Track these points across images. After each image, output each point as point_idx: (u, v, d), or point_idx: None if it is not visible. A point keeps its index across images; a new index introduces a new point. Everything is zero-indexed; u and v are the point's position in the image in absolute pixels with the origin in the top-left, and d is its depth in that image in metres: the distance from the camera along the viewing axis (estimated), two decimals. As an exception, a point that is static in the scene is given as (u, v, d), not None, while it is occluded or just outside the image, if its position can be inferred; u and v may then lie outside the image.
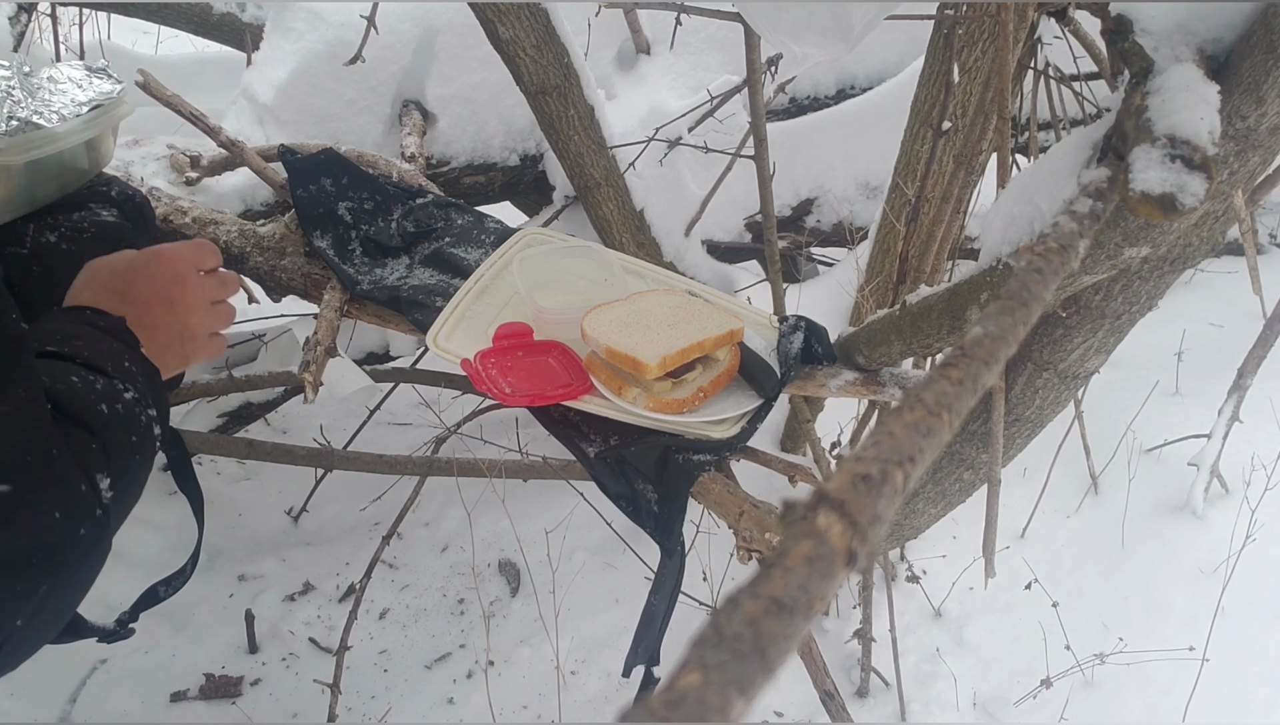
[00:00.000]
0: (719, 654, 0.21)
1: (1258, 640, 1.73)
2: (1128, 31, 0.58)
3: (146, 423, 0.67)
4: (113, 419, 0.64)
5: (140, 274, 0.76)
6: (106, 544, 0.63)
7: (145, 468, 0.68)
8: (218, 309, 0.83)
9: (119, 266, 0.76)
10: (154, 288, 0.77)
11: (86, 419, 0.61)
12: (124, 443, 0.64)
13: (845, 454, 1.55)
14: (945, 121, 1.28)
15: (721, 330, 0.93)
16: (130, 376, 0.68)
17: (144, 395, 0.67)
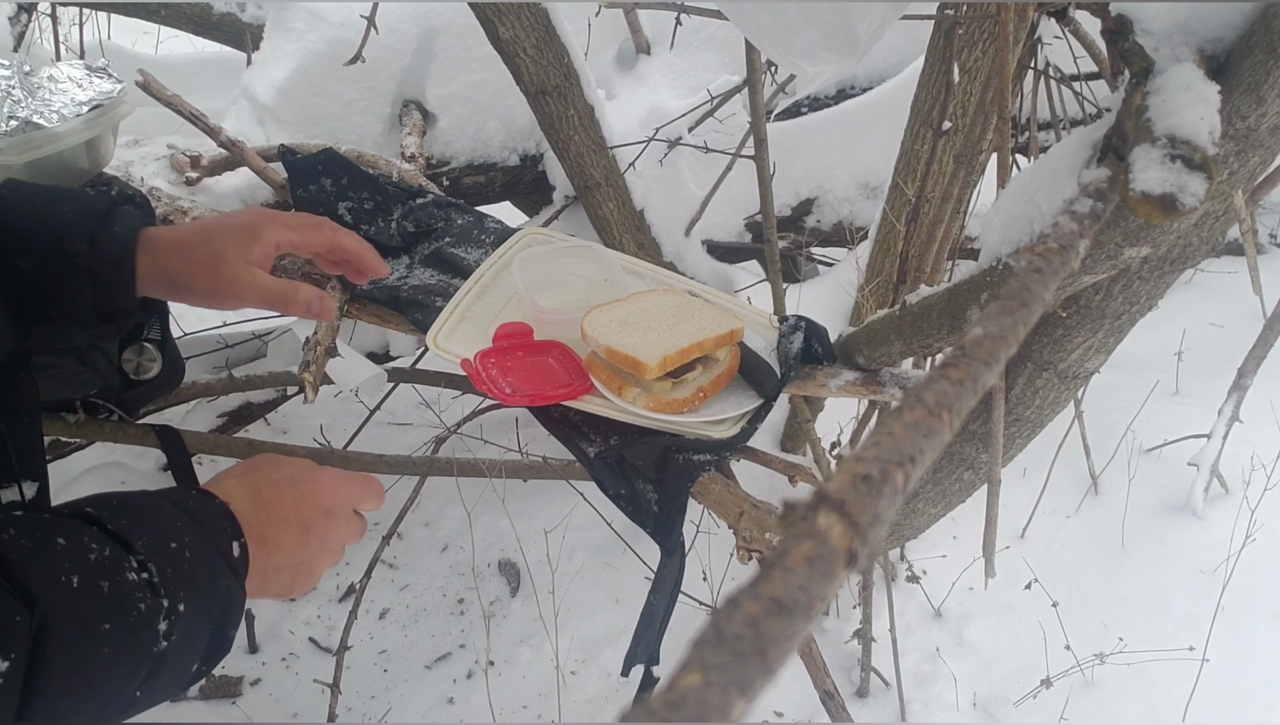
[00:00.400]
0: (719, 654, 0.21)
1: (1258, 640, 1.73)
2: (1128, 31, 0.58)
3: (148, 617, 0.54)
4: (81, 595, 0.51)
5: (296, 489, 0.68)
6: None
7: (121, 669, 0.53)
8: (340, 550, 0.73)
9: (281, 474, 0.68)
10: (301, 509, 0.67)
11: (30, 587, 0.50)
12: (83, 626, 0.51)
13: (845, 454, 1.55)
14: (945, 121, 1.28)
15: (721, 330, 0.93)
16: (174, 568, 0.56)
17: (178, 593, 0.55)
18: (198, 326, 1.97)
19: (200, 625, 0.57)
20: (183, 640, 0.56)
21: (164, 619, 0.54)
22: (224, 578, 0.59)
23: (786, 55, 0.75)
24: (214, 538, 0.60)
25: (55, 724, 0.51)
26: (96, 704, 0.53)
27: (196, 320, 2.00)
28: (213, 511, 0.62)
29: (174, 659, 0.56)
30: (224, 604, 0.59)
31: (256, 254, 0.78)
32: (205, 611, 0.57)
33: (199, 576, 0.57)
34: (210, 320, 1.96)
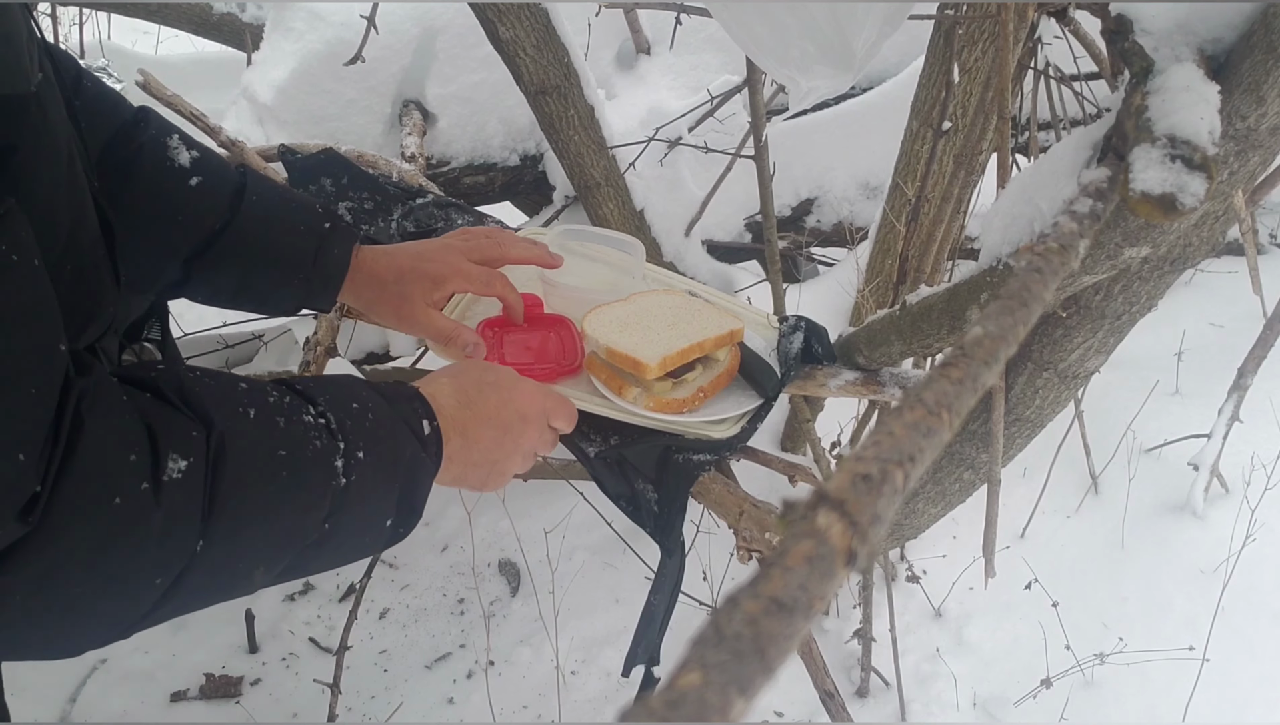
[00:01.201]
0: (719, 653, 0.21)
1: (1258, 640, 1.73)
2: (1128, 31, 0.58)
3: (324, 454, 0.57)
4: (258, 424, 0.54)
5: (498, 394, 0.73)
6: (159, 542, 0.49)
7: (301, 495, 0.56)
8: (531, 456, 0.78)
9: (486, 379, 0.73)
10: (501, 413, 0.72)
11: (210, 412, 0.53)
12: (260, 450, 0.54)
13: (845, 454, 1.55)
14: (945, 121, 1.28)
15: (721, 330, 0.93)
16: (353, 422, 0.59)
17: (356, 442, 0.58)
18: (198, 326, 1.97)
19: (384, 478, 0.61)
20: (365, 486, 0.59)
21: (340, 458, 0.58)
22: (409, 444, 0.63)
23: (781, 67, 0.75)
24: (401, 413, 0.64)
25: (243, 541, 0.54)
26: (283, 529, 0.56)
27: (196, 320, 2.00)
28: (404, 393, 0.67)
29: (360, 502, 0.59)
30: (409, 468, 0.63)
31: (436, 298, 0.87)
32: (389, 466, 0.61)
33: (381, 436, 0.61)
34: (210, 320, 1.96)
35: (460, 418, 0.69)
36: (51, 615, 0.48)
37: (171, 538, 0.49)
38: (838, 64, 0.71)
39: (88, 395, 0.48)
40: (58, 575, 0.46)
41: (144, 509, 0.47)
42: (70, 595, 0.47)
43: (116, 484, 0.47)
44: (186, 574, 0.51)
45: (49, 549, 0.45)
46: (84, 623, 0.50)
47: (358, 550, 0.63)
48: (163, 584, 0.50)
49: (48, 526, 0.45)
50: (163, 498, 0.48)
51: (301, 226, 0.83)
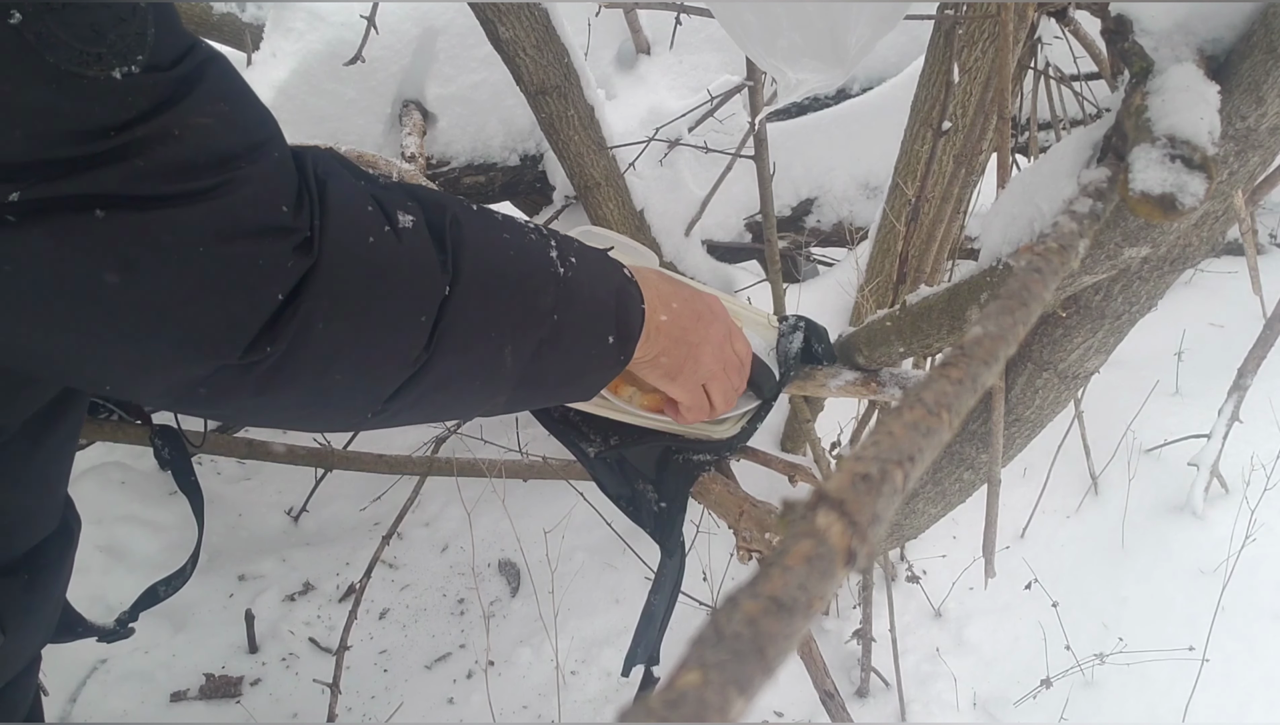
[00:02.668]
0: (718, 653, 0.21)
1: (1258, 640, 1.73)
2: (1127, 31, 0.58)
3: (540, 244, 0.61)
4: (479, 212, 0.60)
5: (692, 308, 0.74)
6: (409, 261, 0.54)
7: (527, 265, 0.60)
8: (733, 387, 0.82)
9: (685, 292, 0.75)
10: (695, 313, 0.74)
11: (438, 197, 0.58)
12: (485, 226, 0.59)
13: (845, 454, 1.55)
14: (945, 121, 1.28)
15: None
16: (563, 241, 0.64)
17: (568, 250, 0.63)
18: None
19: (599, 290, 0.64)
20: (583, 284, 0.63)
21: (555, 250, 0.62)
22: (617, 274, 0.67)
23: (767, 57, 0.75)
24: (606, 255, 0.68)
25: (484, 297, 0.57)
26: (520, 302, 0.59)
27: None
28: (604, 249, 0.70)
29: (581, 302, 0.62)
30: (620, 294, 0.66)
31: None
32: (602, 280, 0.65)
33: (590, 255, 0.65)
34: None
35: (662, 291, 0.71)
36: (338, 354, 0.53)
37: (421, 274, 0.54)
38: (827, 58, 0.71)
39: (320, 160, 0.54)
40: (337, 308, 0.51)
41: (393, 247, 0.53)
42: (352, 329, 0.52)
43: (366, 226, 0.52)
44: (444, 317, 0.55)
45: (334, 281, 0.51)
46: (369, 362, 0.54)
47: (587, 365, 0.66)
48: (427, 321, 0.55)
49: (326, 263, 0.50)
50: (404, 240, 0.54)
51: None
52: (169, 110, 0.46)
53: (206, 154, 0.47)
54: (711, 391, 0.79)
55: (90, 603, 1.74)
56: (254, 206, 0.48)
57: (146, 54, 0.44)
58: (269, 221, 0.49)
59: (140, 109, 0.45)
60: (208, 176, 0.47)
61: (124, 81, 0.44)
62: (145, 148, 0.45)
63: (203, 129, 0.47)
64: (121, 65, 0.43)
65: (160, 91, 0.45)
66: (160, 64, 0.45)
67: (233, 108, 0.49)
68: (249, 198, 0.48)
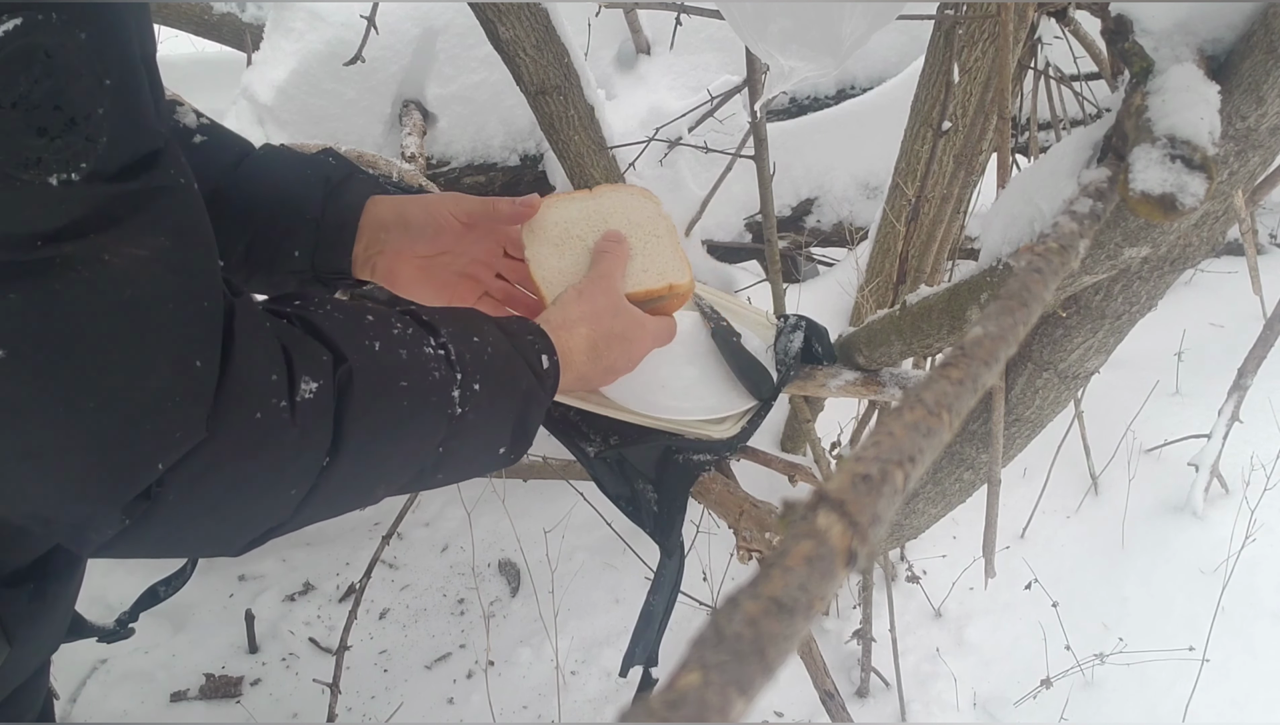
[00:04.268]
0: (719, 654, 0.21)
1: (1258, 640, 1.73)
2: (1128, 31, 0.58)
3: (442, 384, 0.59)
4: (382, 357, 0.57)
5: (623, 347, 0.76)
6: (289, 460, 0.52)
7: (420, 422, 0.59)
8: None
9: (615, 330, 0.75)
10: (618, 363, 0.76)
11: (339, 345, 0.55)
12: (384, 379, 0.56)
13: (845, 454, 1.55)
14: (945, 121, 1.28)
15: (658, 283, 0.82)
16: (472, 354, 0.61)
17: (474, 374, 0.61)
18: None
19: (501, 408, 0.64)
20: (480, 416, 0.62)
21: (458, 389, 0.60)
22: (525, 377, 0.65)
23: (759, 42, 0.74)
24: (521, 348, 0.66)
25: (366, 462, 0.57)
26: (403, 453, 0.59)
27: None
28: (527, 328, 0.69)
29: (474, 431, 0.62)
30: (525, 400, 0.65)
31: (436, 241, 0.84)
32: (506, 397, 0.64)
33: (498, 367, 0.63)
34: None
35: (585, 369, 0.73)
36: (200, 517, 0.51)
37: (305, 454, 0.53)
38: (819, 47, 0.70)
39: (237, 313, 0.51)
40: (208, 479, 0.49)
41: (282, 425, 0.51)
42: (217, 499, 0.51)
43: (260, 398, 0.50)
44: (317, 488, 0.55)
45: (214, 456, 0.49)
46: (229, 526, 0.54)
47: (472, 471, 0.67)
48: (297, 495, 0.54)
49: (210, 443, 0.48)
50: (298, 416, 0.52)
51: (310, 172, 0.80)
52: (106, 231, 0.43)
53: (133, 290, 0.44)
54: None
55: (90, 603, 1.74)
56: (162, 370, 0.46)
57: (91, 162, 0.41)
58: (171, 389, 0.46)
59: (73, 219, 0.42)
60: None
61: (60, 189, 0.41)
62: (69, 269, 0.42)
63: (136, 262, 0.44)
64: (61, 172, 0.41)
65: (98, 205, 0.42)
66: (105, 172, 0.42)
67: (176, 247, 0.46)
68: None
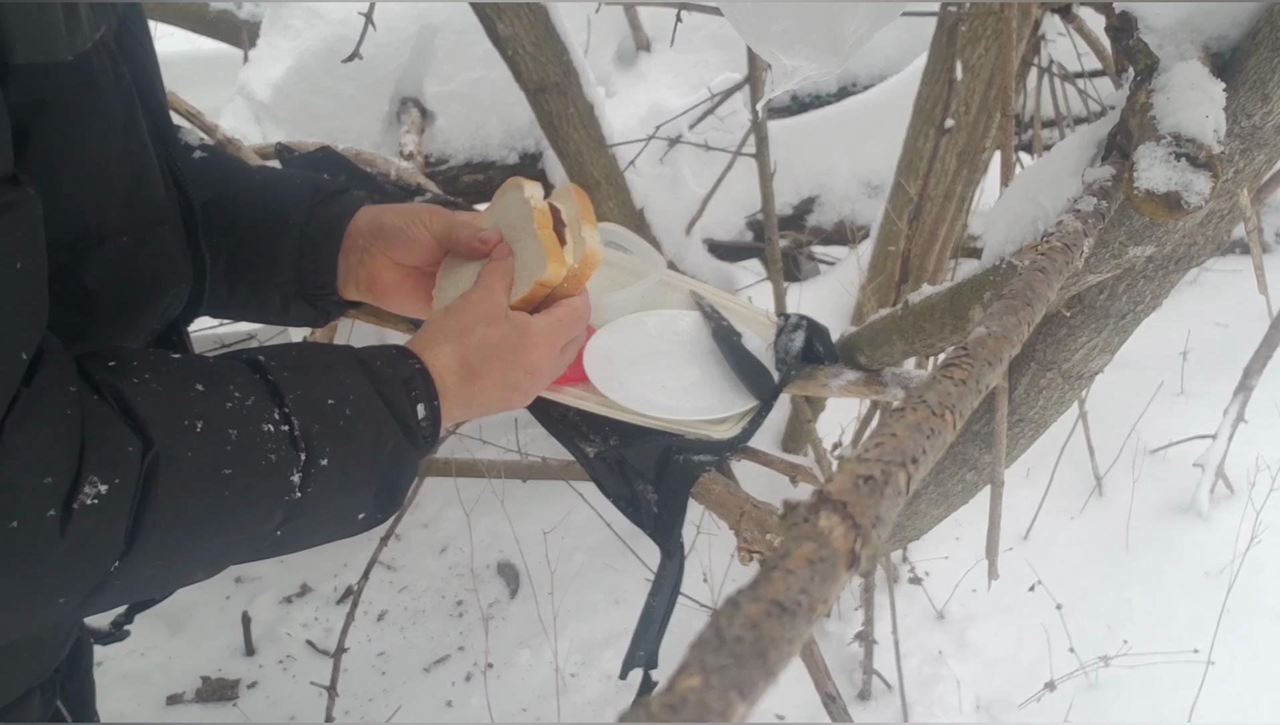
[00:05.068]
0: (719, 656, 0.20)
1: (1263, 642, 1.72)
2: (1132, 29, 0.58)
3: (279, 467, 0.54)
4: (203, 440, 0.51)
5: (505, 358, 0.68)
6: (61, 569, 0.47)
7: (245, 513, 0.54)
8: (546, 384, 0.75)
9: (492, 340, 0.67)
10: (507, 376, 0.68)
11: (149, 428, 0.50)
12: (201, 468, 0.51)
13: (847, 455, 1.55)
14: (948, 119, 1.28)
15: (527, 286, 0.72)
16: (323, 423, 0.56)
17: (322, 448, 0.56)
18: (196, 326, 1.96)
19: (356, 479, 0.59)
20: (328, 492, 0.57)
21: (299, 471, 0.55)
22: (392, 438, 0.60)
23: (761, 42, 0.74)
24: (391, 399, 0.61)
25: (176, 556, 0.53)
26: (223, 543, 0.55)
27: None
28: (402, 372, 0.63)
29: (321, 508, 0.57)
30: (392, 461, 0.61)
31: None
32: (363, 467, 0.59)
33: (357, 433, 0.58)
34: (209, 320, 1.95)
35: (463, 394, 0.66)
36: None
37: (78, 563, 0.48)
38: (822, 46, 0.70)
39: (20, 404, 0.46)
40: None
41: (46, 539, 0.46)
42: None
43: (23, 506, 0.45)
44: (103, 588, 0.50)
45: None
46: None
47: (323, 540, 0.62)
48: (68, 602, 0.50)
49: None
50: (72, 526, 0.47)
51: (300, 182, 0.77)
52: None
53: None
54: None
55: (89, 603, 1.74)
56: None
57: None
58: None
59: None
60: None
61: None
62: None
63: None
64: None
65: None
66: None
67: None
68: None
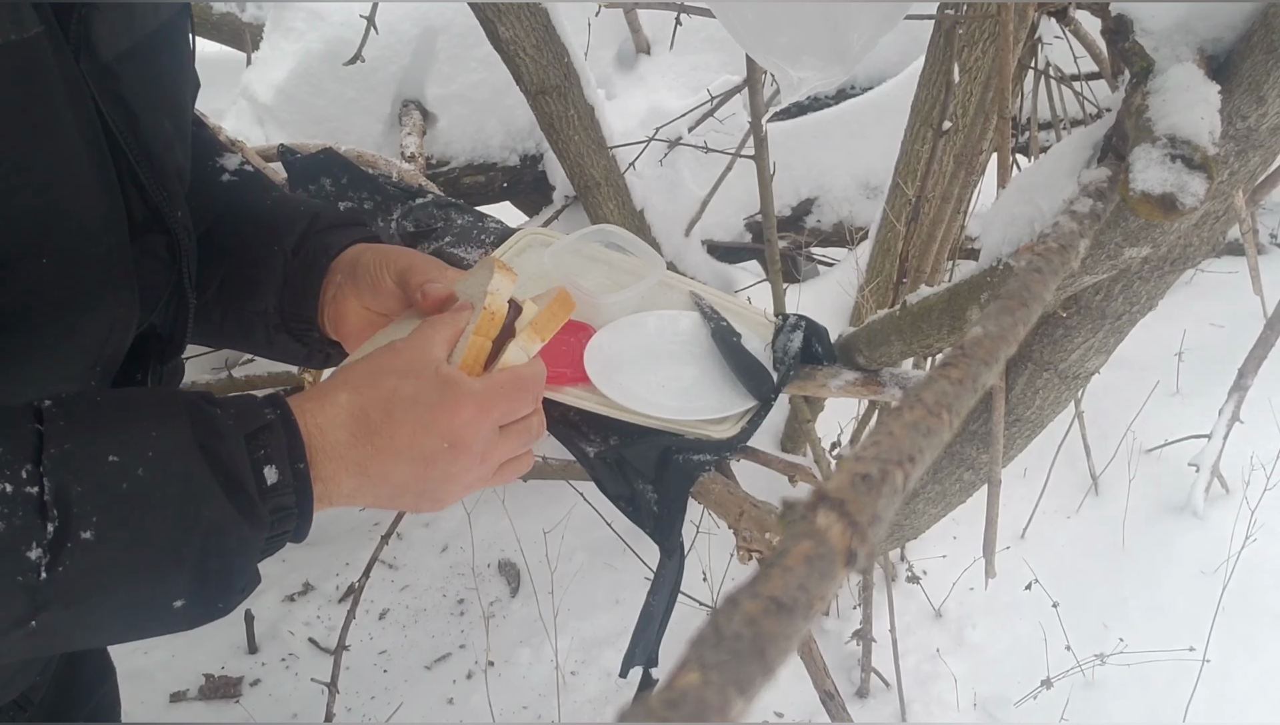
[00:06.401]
0: (718, 654, 0.20)
1: (1258, 641, 1.73)
2: (1128, 31, 0.58)
3: (10, 539, 0.43)
4: None
5: (415, 418, 0.54)
6: None
7: None
8: (483, 478, 0.60)
9: (403, 395, 0.55)
10: (419, 442, 0.54)
11: None
12: None
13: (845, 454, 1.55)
14: (946, 121, 1.28)
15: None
16: (92, 487, 0.45)
17: (86, 518, 0.45)
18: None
19: (147, 559, 0.47)
20: (100, 575, 0.46)
21: (42, 546, 0.44)
22: (210, 507, 0.48)
23: (767, 55, 0.74)
24: (220, 457, 0.49)
25: None
26: None
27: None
28: (249, 424, 0.51)
29: (93, 595, 0.46)
30: (208, 539, 0.48)
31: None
32: (158, 544, 0.47)
33: (150, 499, 0.47)
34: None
35: (357, 456, 0.53)
36: None
37: None
38: (828, 56, 0.70)
39: None
40: None
41: None
42: None
43: None
44: None
45: None
46: None
47: (127, 635, 0.51)
48: None
49: None
50: None
51: (302, 210, 0.72)
52: None
53: None
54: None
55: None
56: None
57: None
58: None
59: None
60: None
61: None
62: None
63: None
64: None
65: None
66: None
67: None
68: None
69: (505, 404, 0.58)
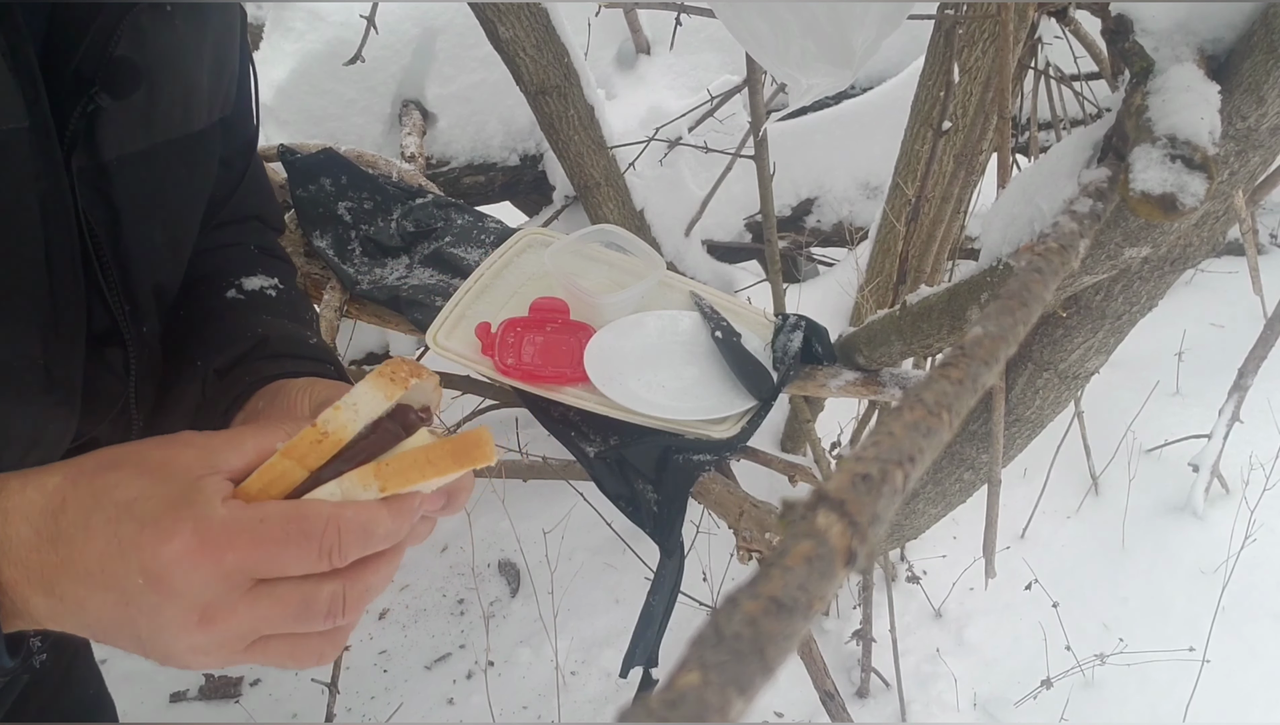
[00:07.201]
0: (718, 653, 0.20)
1: (1258, 641, 1.73)
2: (1128, 31, 0.58)
3: None
4: None
5: (114, 534, 0.40)
6: None
7: None
8: (256, 648, 0.43)
9: (114, 498, 0.40)
10: (110, 567, 0.39)
11: None
12: None
13: (845, 454, 1.55)
14: (945, 121, 1.28)
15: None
16: None
17: None
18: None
19: None
20: None
21: None
22: None
23: (780, 65, 0.75)
24: None
25: None
26: None
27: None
28: None
29: None
30: None
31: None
32: None
33: None
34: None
35: (39, 563, 0.40)
36: None
37: None
38: (837, 62, 0.71)
39: None
40: None
41: None
42: None
43: None
44: None
45: None
46: None
47: None
48: None
49: None
50: None
51: (249, 325, 0.62)
52: None
53: None
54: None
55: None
56: None
57: None
58: None
59: None
60: None
61: None
62: None
63: None
64: None
65: None
66: None
67: None
68: None
69: (257, 549, 0.40)
